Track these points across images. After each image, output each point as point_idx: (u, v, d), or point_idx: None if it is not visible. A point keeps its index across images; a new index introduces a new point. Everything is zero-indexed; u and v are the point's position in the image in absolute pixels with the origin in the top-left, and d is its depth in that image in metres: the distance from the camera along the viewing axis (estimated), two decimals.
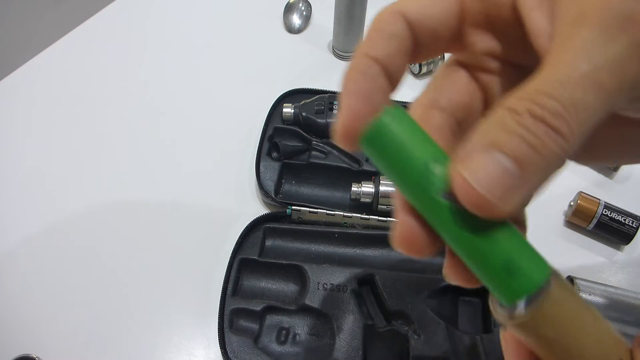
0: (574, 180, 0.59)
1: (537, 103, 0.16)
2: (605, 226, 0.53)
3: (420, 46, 0.20)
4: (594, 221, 0.53)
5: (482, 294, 0.48)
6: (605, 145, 0.22)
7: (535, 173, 0.16)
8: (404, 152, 0.17)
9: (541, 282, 0.17)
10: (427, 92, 0.23)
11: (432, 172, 0.17)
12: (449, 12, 0.20)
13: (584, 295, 0.47)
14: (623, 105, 0.17)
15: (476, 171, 0.16)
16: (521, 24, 0.19)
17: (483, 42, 0.21)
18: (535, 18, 0.19)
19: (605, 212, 0.53)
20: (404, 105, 0.62)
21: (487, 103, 0.22)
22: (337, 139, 0.19)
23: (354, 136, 0.18)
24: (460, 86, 0.22)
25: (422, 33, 0.20)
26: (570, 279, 0.49)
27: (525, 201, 0.18)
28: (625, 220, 0.53)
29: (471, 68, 0.22)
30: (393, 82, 0.20)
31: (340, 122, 0.18)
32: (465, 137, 0.17)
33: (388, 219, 0.52)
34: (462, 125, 0.22)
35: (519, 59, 0.21)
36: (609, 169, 0.60)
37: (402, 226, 0.19)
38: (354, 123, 0.18)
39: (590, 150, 0.20)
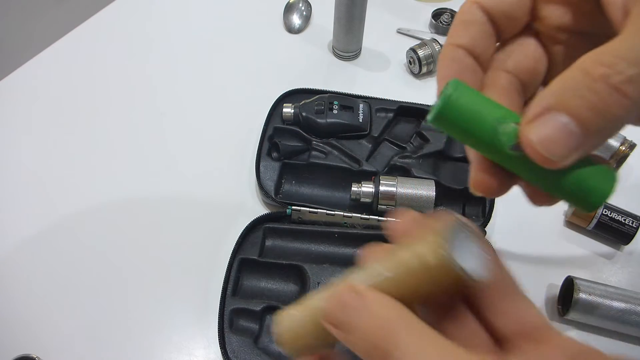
0: None
1: (613, 69, 0.16)
2: (605, 226, 0.53)
3: (499, 27, 0.23)
4: (594, 221, 0.53)
5: None
6: None
7: (597, 134, 0.17)
8: (474, 119, 0.19)
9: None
10: (497, 54, 0.24)
11: (501, 133, 0.19)
12: None
13: (583, 296, 0.47)
14: None
15: (541, 133, 0.18)
16: None
17: (556, 16, 0.22)
18: None
19: (605, 212, 0.53)
20: (405, 104, 0.62)
21: (552, 68, 0.23)
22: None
23: None
24: (528, 52, 0.23)
25: (498, 17, 0.22)
26: (570, 279, 0.48)
27: (587, 153, 0.19)
28: (625, 220, 0.53)
29: (540, 36, 0.24)
30: (481, 63, 0.23)
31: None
32: (530, 98, 0.20)
33: (388, 219, 0.52)
34: (526, 87, 0.23)
35: (588, 28, 0.22)
36: None
37: (476, 175, 0.22)
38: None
39: None
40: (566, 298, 0.49)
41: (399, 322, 0.18)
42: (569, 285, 0.49)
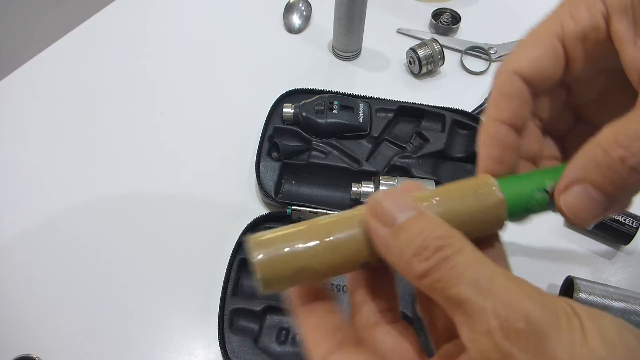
0: None
1: (629, 151, 0.19)
2: (605, 226, 0.53)
3: (537, 92, 0.25)
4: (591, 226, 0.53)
5: None
6: None
7: (619, 202, 0.21)
8: (518, 199, 0.24)
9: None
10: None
11: (535, 198, 0.24)
12: (557, 60, 0.25)
13: (583, 296, 0.47)
14: None
15: (570, 202, 0.22)
16: (617, 52, 0.23)
17: (586, 70, 0.25)
18: (629, 54, 0.22)
19: None
20: (405, 104, 0.62)
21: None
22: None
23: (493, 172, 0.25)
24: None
25: (537, 84, 0.24)
26: (570, 279, 0.48)
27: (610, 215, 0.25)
28: (625, 220, 0.53)
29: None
30: (520, 131, 0.25)
31: (479, 169, 0.25)
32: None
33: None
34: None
35: (611, 67, 0.24)
36: None
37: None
38: (492, 169, 0.24)
39: None
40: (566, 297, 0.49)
41: (458, 234, 0.19)
42: (569, 285, 0.49)
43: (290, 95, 0.63)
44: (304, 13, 0.78)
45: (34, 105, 0.67)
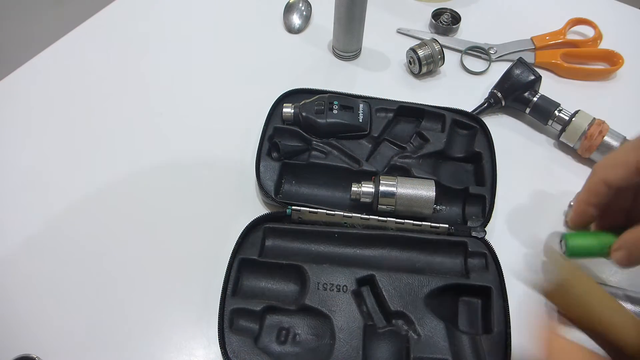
0: (572, 182, 0.59)
1: None
2: None
3: (616, 191, 0.41)
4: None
5: (482, 294, 0.48)
6: None
7: None
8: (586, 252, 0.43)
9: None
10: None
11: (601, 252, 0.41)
12: (633, 180, 0.39)
13: None
14: None
15: (618, 259, 0.39)
16: None
17: None
18: None
19: None
20: (405, 104, 0.62)
21: None
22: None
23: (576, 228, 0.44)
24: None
25: (617, 189, 0.40)
26: None
27: None
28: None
29: None
30: (598, 207, 0.42)
31: (570, 222, 0.46)
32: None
33: (388, 219, 0.52)
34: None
35: None
36: None
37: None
38: (575, 227, 0.44)
39: None
40: None
41: None
42: None
43: (290, 95, 0.63)
44: (304, 13, 0.78)
45: (34, 105, 0.67)
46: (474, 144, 0.59)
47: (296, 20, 0.78)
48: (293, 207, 0.53)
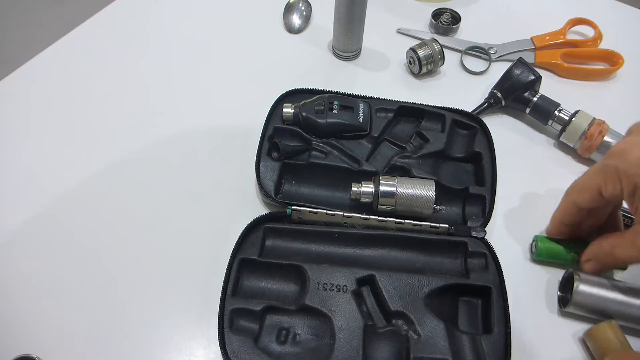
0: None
1: (615, 259, 0.46)
2: None
3: (586, 210, 0.48)
4: None
5: (482, 294, 0.48)
6: None
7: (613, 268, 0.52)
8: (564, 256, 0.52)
9: None
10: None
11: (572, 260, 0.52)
12: (599, 201, 0.46)
13: (582, 287, 0.47)
14: None
15: (588, 268, 0.49)
16: None
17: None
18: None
19: None
20: (405, 104, 0.61)
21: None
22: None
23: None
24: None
25: (587, 208, 0.48)
26: (571, 273, 0.49)
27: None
28: (626, 212, 0.53)
29: None
30: (573, 225, 0.50)
31: (550, 233, 0.53)
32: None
33: (388, 219, 0.52)
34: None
35: None
36: None
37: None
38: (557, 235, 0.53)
39: None
40: (566, 290, 0.50)
41: None
42: (569, 278, 0.49)
43: (290, 95, 0.63)
44: (304, 13, 0.78)
45: (34, 105, 0.67)
46: (474, 144, 0.59)
47: (296, 20, 0.78)
48: (293, 207, 0.53)
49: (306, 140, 0.59)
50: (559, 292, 0.51)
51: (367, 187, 0.53)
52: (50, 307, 0.50)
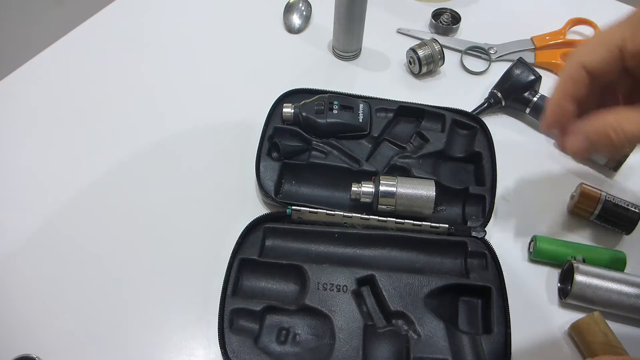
0: (572, 182, 0.59)
1: (619, 135, 0.34)
2: (607, 216, 0.54)
3: (595, 80, 0.36)
4: (596, 212, 0.54)
5: (482, 294, 0.48)
6: None
7: (599, 151, 0.47)
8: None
9: None
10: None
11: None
12: (615, 64, 0.35)
13: (580, 278, 0.48)
14: None
15: (574, 142, 0.36)
16: None
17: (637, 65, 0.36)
18: None
19: (608, 197, 0.54)
20: (405, 104, 0.61)
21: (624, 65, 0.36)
22: (542, 126, 0.42)
23: (548, 129, 0.46)
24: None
25: (597, 76, 0.36)
26: (570, 264, 0.49)
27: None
28: (627, 206, 0.53)
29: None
30: (580, 103, 0.37)
31: (543, 123, 0.39)
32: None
33: (388, 219, 0.52)
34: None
35: None
36: (608, 169, 0.60)
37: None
38: (548, 127, 0.39)
39: None
40: (565, 282, 0.50)
41: None
42: (569, 269, 0.49)
43: (290, 95, 0.63)
44: (304, 13, 0.78)
45: (34, 105, 0.67)
46: (474, 144, 0.59)
47: (296, 20, 0.78)
48: (293, 207, 0.53)
49: (306, 140, 0.59)
50: (558, 284, 0.51)
51: (367, 187, 0.53)
52: (50, 307, 0.50)
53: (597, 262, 0.50)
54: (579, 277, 0.48)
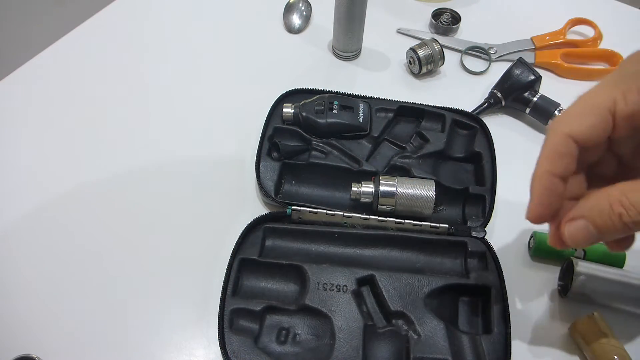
0: None
1: (628, 211, 0.28)
2: None
3: (584, 150, 0.31)
4: None
5: (482, 294, 0.48)
6: None
7: (607, 239, 0.32)
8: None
9: None
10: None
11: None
12: (606, 130, 0.30)
13: (580, 270, 0.48)
14: None
15: (573, 231, 0.31)
16: None
17: (628, 135, 0.31)
18: None
19: None
20: (405, 104, 0.61)
21: (614, 135, 0.31)
22: (528, 218, 0.34)
23: (539, 222, 0.33)
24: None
25: (587, 146, 0.31)
26: (570, 261, 0.49)
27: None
28: None
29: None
30: (567, 180, 0.32)
31: (531, 212, 0.34)
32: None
33: (388, 219, 0.52)
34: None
35: None
36: None
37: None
38: (539, 219, 0.33)
39: None
40: (566, 279, 0.50)
41: None
42: (569, 266, 0.49)
43: (290, 95, 0.63)
44: (304, 13, 0.78)
45: (34, 105, 0.67)
46: (474, 144, 0.59)
47: (296, 20, 0.78)
48: (293, 207, 0.53)
49: (306, 140, 0.59)
50: (559, 282, 0.51)
51: (367, 187, 0.53)
52: (50, 307, 0.50)
53: (596, 259, 0.50)
54: (579, 271, 0.48)
